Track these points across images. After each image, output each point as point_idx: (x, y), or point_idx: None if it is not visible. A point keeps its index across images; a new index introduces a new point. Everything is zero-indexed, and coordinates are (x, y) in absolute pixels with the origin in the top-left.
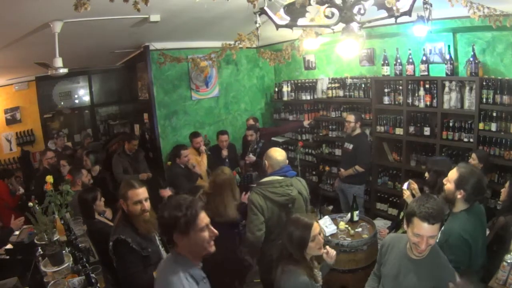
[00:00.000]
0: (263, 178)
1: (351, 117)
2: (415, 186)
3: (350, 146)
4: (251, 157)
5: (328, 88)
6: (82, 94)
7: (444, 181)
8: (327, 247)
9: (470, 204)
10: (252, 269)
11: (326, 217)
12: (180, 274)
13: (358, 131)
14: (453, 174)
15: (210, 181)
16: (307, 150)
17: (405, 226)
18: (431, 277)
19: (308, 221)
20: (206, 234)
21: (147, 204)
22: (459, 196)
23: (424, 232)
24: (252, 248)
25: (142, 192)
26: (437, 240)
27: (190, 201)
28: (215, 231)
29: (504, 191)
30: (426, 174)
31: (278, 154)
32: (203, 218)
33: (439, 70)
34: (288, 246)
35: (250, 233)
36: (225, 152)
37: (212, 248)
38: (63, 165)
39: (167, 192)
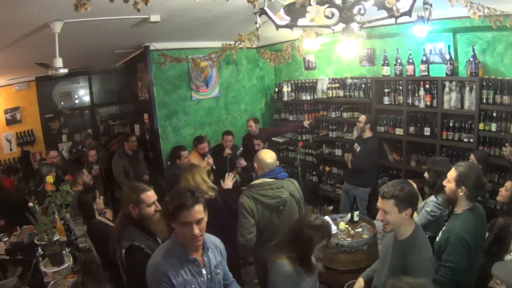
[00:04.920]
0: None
1: (362, 118)
2: (413, 185)
3: (358, 148)
4: (242, 162)
5: (328, 88)
6: (82, 94)
7: (444, 182)
8: None
9: (472, 202)
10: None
11: (326, 217)
12: (159, 257)
13: (369, 134)
14: (452, 173)
15: None
16: (307, 150)
17: None
18: (402, 256)
19: (325, 224)
20: (186, 230)
21: (158, 204)
22: (461, 194)
23: (378, 203)
24: (244, 251)
25: (153, 194)
26: (437, 240)
27: (187, 194)
28: (195, 233)
29: (504, 192)
30: (426, 174)
31: (267, 156)
32: (187, 215)
33: (439, 70)
34: (297, 245)
35: (241, 236)
36: (227, 150)
37: (198, 243)
38: None
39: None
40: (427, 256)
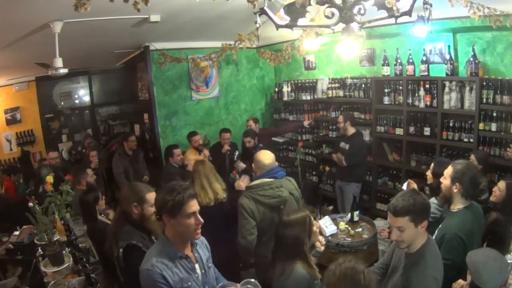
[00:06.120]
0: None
1: (340, 118)
2: (414, 185)
3: (347, 146)
4: (241, 165)
5: (328, 88)
6: (82, 94)
7: (441, 179)
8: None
9: (468, 201)
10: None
11: (326, 217)
12: (153, 260)
13: (352, 130)
14: (448, 170)
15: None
16: (307, 150)
17: None
18: (407, 270)
19: (301, 216)
20: (191, 221)
21: None
22: (455, 191)
23: (390, 221)
24: (244, 252)
25: (154, 195)
26: (433, 237)
27: (183, 188)
28: (201, 219)
29: (498, 192)
30: (428, 173)
31: (265, 156)
32: (192, 205)
33: (439, 70)
34: (284, 247)
35: (241, 238)
36: (226, 147)
37: (198, 236)
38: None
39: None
40: (432, 275)
